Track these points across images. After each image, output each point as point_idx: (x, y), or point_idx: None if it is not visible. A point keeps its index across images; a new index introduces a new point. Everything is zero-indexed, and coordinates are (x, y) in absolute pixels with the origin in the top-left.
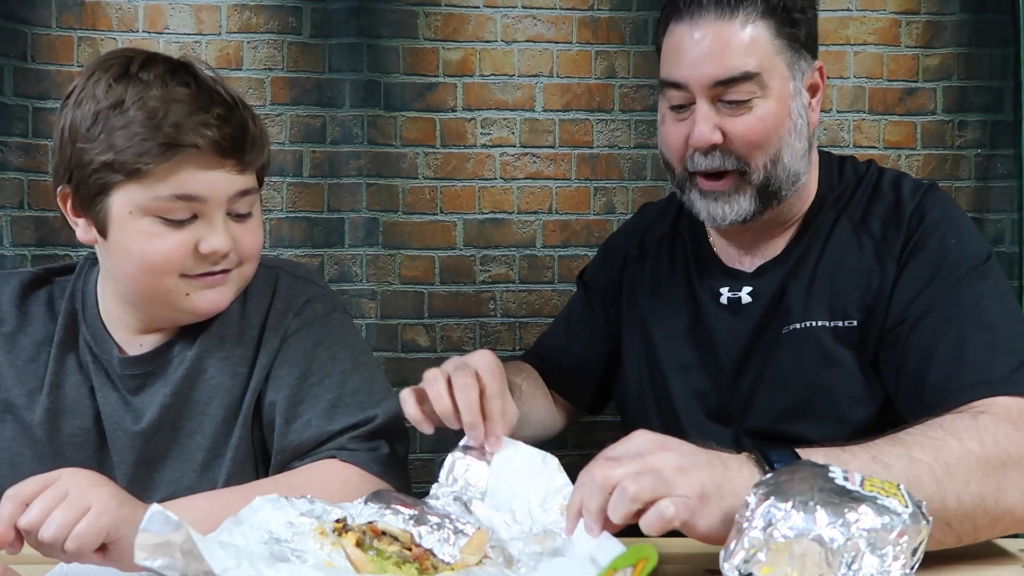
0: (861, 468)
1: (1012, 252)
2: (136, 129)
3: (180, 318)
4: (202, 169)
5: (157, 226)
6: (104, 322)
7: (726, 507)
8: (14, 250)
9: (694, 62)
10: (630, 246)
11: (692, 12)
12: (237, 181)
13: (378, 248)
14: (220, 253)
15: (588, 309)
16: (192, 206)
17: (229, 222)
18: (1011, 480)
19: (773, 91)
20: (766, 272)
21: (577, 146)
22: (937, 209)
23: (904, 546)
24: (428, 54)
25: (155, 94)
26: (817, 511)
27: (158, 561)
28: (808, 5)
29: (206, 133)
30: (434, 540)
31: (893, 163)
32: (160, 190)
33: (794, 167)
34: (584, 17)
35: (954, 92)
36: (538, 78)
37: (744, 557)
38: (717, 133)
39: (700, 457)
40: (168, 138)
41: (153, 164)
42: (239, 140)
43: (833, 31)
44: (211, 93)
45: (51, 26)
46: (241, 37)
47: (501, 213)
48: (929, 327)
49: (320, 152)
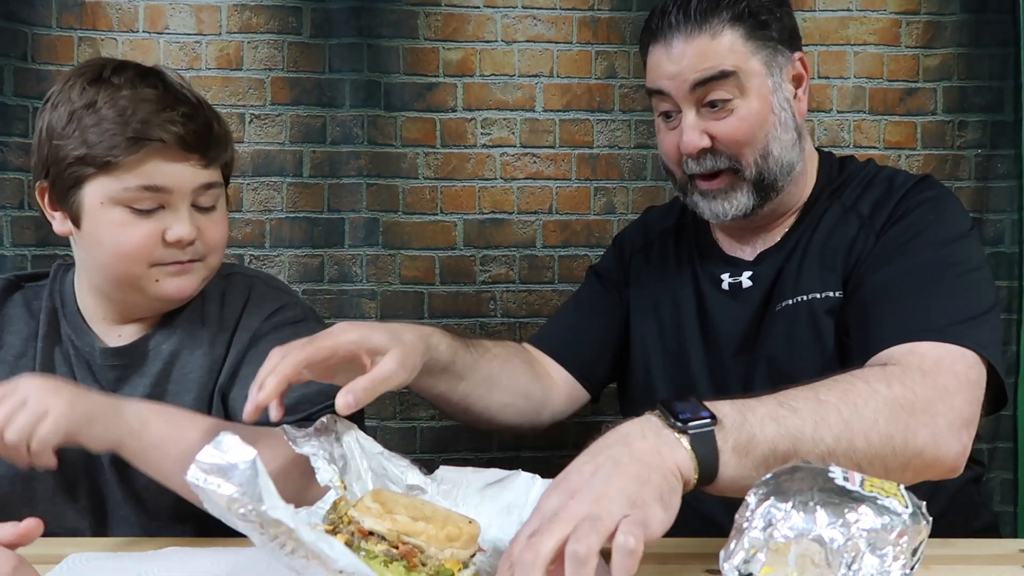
0: (769, 413)
1: (1012, 252)
2: (107, 126)
3: (151, 305)
4: (168, 162)
5: (126, 215)
6: (83, 317)
7: (655, 492)
8: (14, 250)
9: (672, 74)
10: (635, 239)
11: (664, 33)
12: (201, 175)
13: (378, 248)
14: (185, 241)
15: (604, 293)
16: (158, 196)
17: (194, 213)
18: (920, 422)
19: (752, 90)
20: (765, 259)
21: (577, 146)
22: (926, 192)
23: (904, 546)
24: (428, 54)
25: (125, 94)
26: (817, 511)
27: (210, 482)
28: (776, 5)
29: (171, 129)
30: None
31: (893, 163)
32: (129, 181)
33: (785, 157)
34: (584, 17)
35: (954, 92)
36: (538, 78)
37: (744, 557)
38: (705, 138)
39: (604, 465)
40: (136, 133)
41: (122, 156)
42: (203, 136)
43: (833, 31)
44: (177, 95)
45: (51, 26)
46: (241, 37)
47: (501, 213)
48: (881, 282)
49: (320, 152)
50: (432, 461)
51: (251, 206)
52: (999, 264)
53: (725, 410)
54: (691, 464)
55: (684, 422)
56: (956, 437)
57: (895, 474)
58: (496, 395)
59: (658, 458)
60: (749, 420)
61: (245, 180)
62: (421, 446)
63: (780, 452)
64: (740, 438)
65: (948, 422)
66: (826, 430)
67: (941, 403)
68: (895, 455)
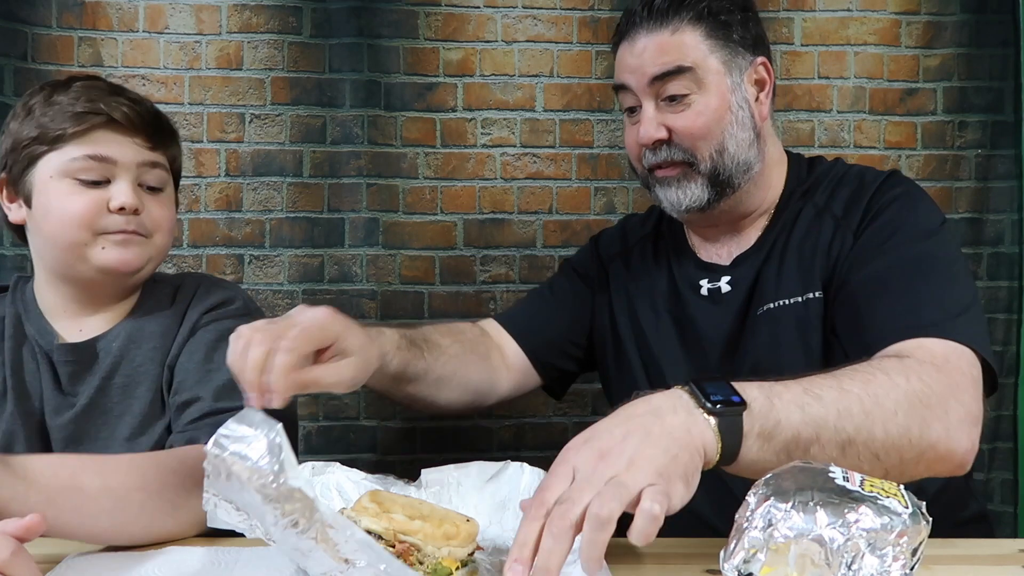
0: (794, 399)
1: (1012, 252)
2: (59, 109)
3: (96, 281)
4: (114, 134)
5: (73, 186)
6: (46, 317)
7: (681, 468)
8: (14, 250)
9: (633, 68)
10: (613, 244)
11: (630, 31)
12: (146, 154)
13: (378, 248)
14: (128, 207)
15: (576, 287)
16: (104, 168)
17: (140, 192)
18: (935, 415)
19: (710, 87)
20: (742, 262)
21: (577, 146)
22: (898, 187)
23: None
24: (428, 54)
25: (77, 85)
26: (817, 511)
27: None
28: (738, 9)
29: (118, 108)
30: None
31: (893, 163)
32: (75, 152)
33: (742, 156)
34: (584, 17)
35: (954, 92)
36: (538, 78)
37: (744, 557)
38: (662, 130)
39: (635, 432)
40: (86, 108)
41: (70, 128)
42: (148, 120)
43: (833, 31)
44: (124, 90)
45: (51, 26)
46: (241, 37)
47: (501, 213)
48: (869, 279)
49: (320, 152)
50: (432, 461)
51: (251, 206)
52: (999, 264)
53: (753, 393)
54: (715, 445)
55: (715, 403)
56: (967, 433)
57: (909, 466)
58: (444, 393)
59: (687, 436)
60: (776, 406)
61: (245, 180)
62: (421, 446)
63: (803, 439)
64: (766, 424)
65: (959, 417)
66: (848, 420)
67: (953, 399)
68: (911, 446)
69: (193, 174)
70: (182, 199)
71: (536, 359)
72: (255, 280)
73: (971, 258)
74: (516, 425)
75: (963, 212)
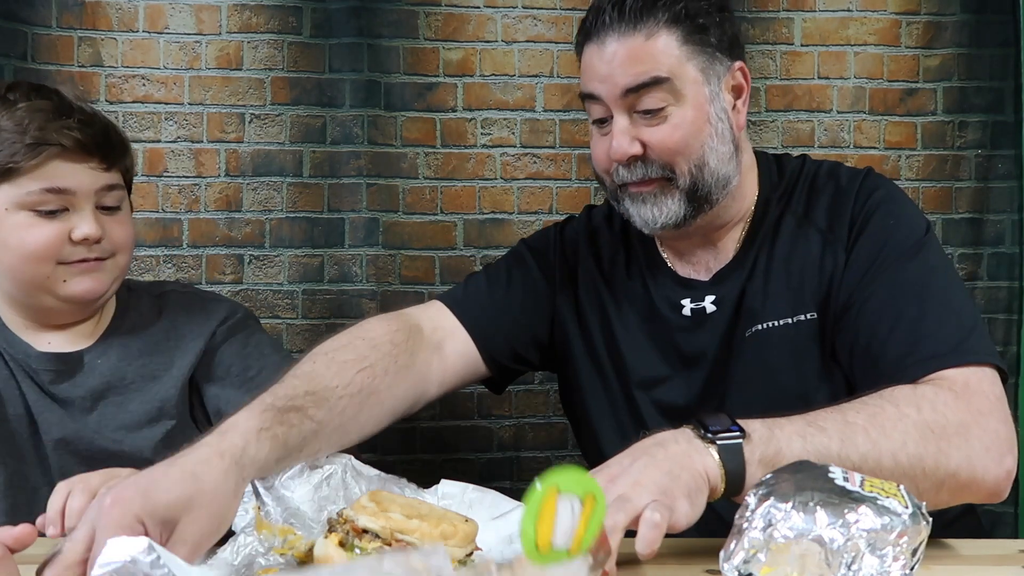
0: (796, 430)
1: (1012, 252)
2: (6, 135)
3: (62, 309)
4: (68, 163)
5: (32, 218)
6: (9, 327)
7: (684, 487)
8: None
9: (604, 76)
10: (579, 239)
11: (599, 31)
12: (102, 177)
13: (378, 248)
14: (92, 239)
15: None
16: (62, 198)
17: (99, 214)
18: (953, 444)
19: (687, 97)
20: (725, 279)
21: (577, 146)
22: (877, 191)
23: (904, 547)
24: (428, 54)
25: (21, 107)
26: (817, 511)
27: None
28: (716, 9)
29: (68, 133)
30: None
31: (893, 163)
32: (31, 185)
33: (721, 171)
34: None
35: (954, 93)
36: (538, 78)
37: (744, 557)
38: (636, 145)
39: (640, 459)
40: (35, 139)
41: (23, 162)
42: (100, 141)
43: (833, 31)
44: (71, 106)
45: (51, 26)
46: (241, 37)
47: (501, 213)
48: (875, 308)
49: (320, 152)
50: (432, 461)
51: (251, 206)
52: (999, 264)
53: (754, 425)
54: (719, 472)
55: (714, 434)
56: (997, 460)
57: (929, 495)
58: (352, 436)
59: (689, 460)
60: (777, 435)
61: (245, 180)
62: (421, 446)
63: None
64: (767, 452)
65: (985, 445)
66: (852, 449)
67: (976, 427)
68: (925, 476)
69: (193, 174)
70: (182, 199)
71: (489, 356)
72: (255, 280)
73: (971, 258)
74: (516, 425)
75: (963, 212)
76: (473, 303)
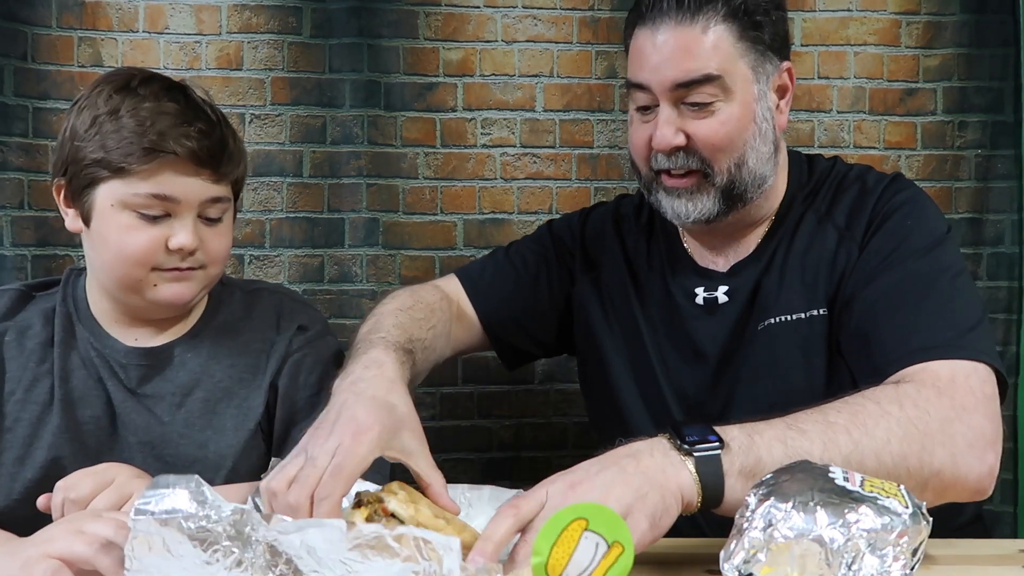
0: (776, 435)
1: (1012, 252)
2: (126, 134)
3: (149, 309)
4: (179, 174)
5: (133, 219)
6: (97, 320)
7: (648, 509)
8: (14, 250)
9: (656, 66)
10: (606, 230)
11: (654, 17)
12: (210, 189)
13: (378, 248)
14: (187, 249)
15: (551, 258)
16: (166, 205)
17: (199, 224)
18: (937, 442)
19: (736, 94)
20: (740, 271)
21: (577, 146)
22: (901, 193)
23: (904, 547)
24: (428, 54)
25: (147, 106)
26: (817, 511)
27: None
28: (773, 7)
29: (186, 143)
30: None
31: (893, 163)
32: (140, 188)
33: (760, 170)
34: (584, 17)
35: (954, 93)
36: (538, 78)
37: (744, 557)
38: (680, 136)
39: (609, 469)
40: (152, 144)
41: (136, 164)
42: (216, 153)
43: (833, 31)
44: (197, 111)
45: (51, 26)
46: (241, 37)
47: (501, 213)
48: (876, 296)
49: (320, 152)
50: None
51: (251, 206)
52: (999, 264)
53: (733, 433)
54: (694, 487)
55: (691, 445)
56: (979, 457)
57: (914, 495)
58: (417, 380)
59: (662, 476)
60: (756, 443)
61: (245, 180)
62: None
63: None
64: (747, 461)
65: (968, 442)
66: (835, 451)
67: (959, 423)
68: (910, 475)
69: None
70: None
71: (492, 332)
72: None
73: (971, 258)
74: (516, 425)
75: (963, 212)
76: (486, 285)
